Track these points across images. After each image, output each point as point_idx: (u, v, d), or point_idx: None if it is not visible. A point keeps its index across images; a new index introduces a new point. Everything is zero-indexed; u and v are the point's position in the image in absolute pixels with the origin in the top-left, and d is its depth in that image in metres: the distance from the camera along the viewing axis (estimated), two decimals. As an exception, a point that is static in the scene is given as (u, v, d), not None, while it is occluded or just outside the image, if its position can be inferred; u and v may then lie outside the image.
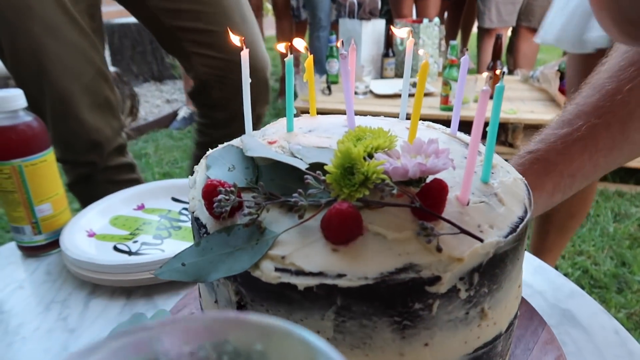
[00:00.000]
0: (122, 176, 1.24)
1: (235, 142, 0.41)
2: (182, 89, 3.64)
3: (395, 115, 0.46)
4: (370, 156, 0.33)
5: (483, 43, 3.27)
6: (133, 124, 3.11)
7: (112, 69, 2.83)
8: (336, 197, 0.30)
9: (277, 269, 0.29)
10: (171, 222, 0.74)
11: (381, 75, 2.88)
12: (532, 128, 2.21)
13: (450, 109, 2.17)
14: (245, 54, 0.39)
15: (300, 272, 0.29)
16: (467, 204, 0.32)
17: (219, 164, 0.38)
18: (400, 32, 0.42)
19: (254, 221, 0.31)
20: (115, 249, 0.67)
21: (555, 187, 0.49)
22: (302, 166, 0.33)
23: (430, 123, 0.44)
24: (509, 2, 3.00)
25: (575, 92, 0.52)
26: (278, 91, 3.40)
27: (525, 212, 0.34)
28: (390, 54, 2.82)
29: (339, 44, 0.46)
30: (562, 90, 2.21)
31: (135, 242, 0.69)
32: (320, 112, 0.48)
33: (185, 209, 0.77)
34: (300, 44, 0.41)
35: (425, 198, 0.30)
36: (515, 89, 2.52)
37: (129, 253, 0.66)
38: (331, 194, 0.30)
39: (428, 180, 0.31)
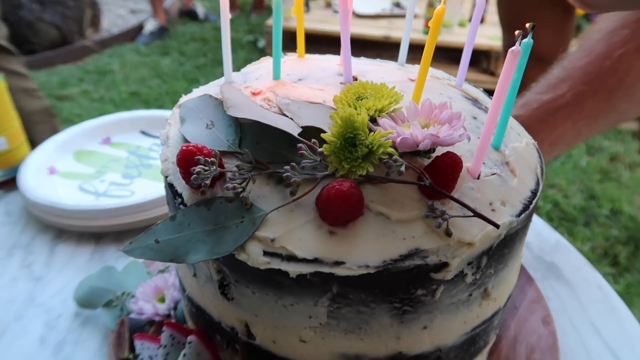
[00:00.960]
0: None
1: (213, 89, 0.36)
2: (146, -4, 3.37)
3: (379, 39, 0.41)
4: (373, 120, 0.28)
5: None
6: (95, 36, 2.90)
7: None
8: (334, 172, 0.26)
9: (265, 253, 0.26)
10: (141, 159, 0.69)
11: None
12: None
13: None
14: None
15: (292, 258, 0.25)
16: (478, 177, 0.29)
17: (195, 118, 0.33)
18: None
19: (239, 195, 0.27)
20: (81, 189, 0.62)
21: None
22: (295, 131, 0.28)
23: (434, 72, 0.39)
24: None
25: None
26: (252, 4, 3.17)
27: (538, 183, 0.31)
28: None
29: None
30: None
31: (102, 181, 0.64)
32: (291, 31, 0.42)
33: (157, 144, 0.71)
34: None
35: (435, 174, 0.26)
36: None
37: (97, 194, 0.61)
38: (329, 168, 0.26)
39: (438, 150, 0.28)
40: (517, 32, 0.26)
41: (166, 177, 0.31)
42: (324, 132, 0.27)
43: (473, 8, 2.27)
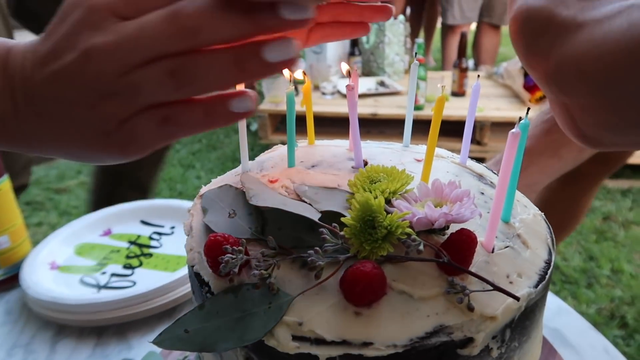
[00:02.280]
0: None
1: (231, 179, 0.38)
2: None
3: (367, 116, 0.44)
4: (387, 201, 0.30)
5: (447, 39, 3.31)
6: None
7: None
8: (356, 254, 0.27)
9: (294, 338, 0.26)
10: (141, 249, 0.69)
11: None
12: (499, 125, 2.25)
13: (419, 108, 2.18)
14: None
15: (320, 341, 0.26)
16: (492, 251, 0.30)
17: (217, 208, 0.35)
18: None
19: (265, 281, 0.28)
20: (82, 282, 0.62)
21: None
22: (315, 216, 0.30)
23: (439, 151, 0.42)
24: None
25: None
26: None
27: (550, 254, 0.32)
28: (357, 52, 2.81)
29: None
30: (526, 87, 2.24)
31: (103, 273, 0.64)
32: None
33: (157, 232, 0.73)
34: (299, 71, 0.38)
35: (452, 251, 0.27)
36: (481, 86, 2.54)
37: (98, 287, 0.61)
38: (350, 250, 0.28)
39: (452, 227, 0.29)
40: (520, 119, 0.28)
41: (192, 266, 0.32)
42: (343, 215, 0.29)
43: (453, 82, 2.40)
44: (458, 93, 2.40)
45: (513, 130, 0.27)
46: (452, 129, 2.46)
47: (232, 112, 0.28)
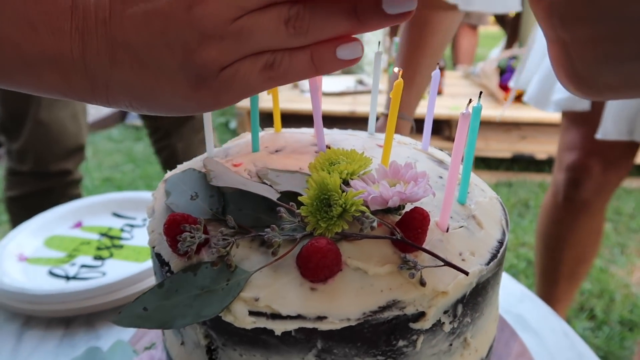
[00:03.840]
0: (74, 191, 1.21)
1: (196, 164, 0.39)
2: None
3: (345, 114, 0.44)
4: (346, 183, 0.31)
5: None
6: None
7: None
8: (312, 231, 0.28)
9: (251, 313, 0.27)
10: (112, 240, 0.69)
11: None
12: None
13: None
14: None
15: (276, 316, 0.26)
16: (447, 230, 0.31)
17: (180, 191, 0.35)
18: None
19: (223, 259, 0.28)
20: (51, 273, 0.62)
21: None
22: (274, 196, 0.30)
23: (401, 138, 0.43)
24: None
25: None
26: None
27: (504, 234, 0.33)
28: None
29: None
30: (501, 85, 2.29)
31: (72, 264, 0.64)
32: (270, 113, 0.45)
33: (129, 224, 0.72)
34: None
35: (406, 229, 0.28)
36: (457, 85, 2.59)
37: (67, 278, 0.61)
38: (307, 228, 0.28)
39: (407, 207, 0.30)
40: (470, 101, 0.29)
41: (153, 247, 0.32)
42: (301, 195, 0.30)
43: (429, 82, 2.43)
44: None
45: (463, 110, 0.28)
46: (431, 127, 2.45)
47: (338, 58, 0.27)
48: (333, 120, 2.55)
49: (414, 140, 0.44)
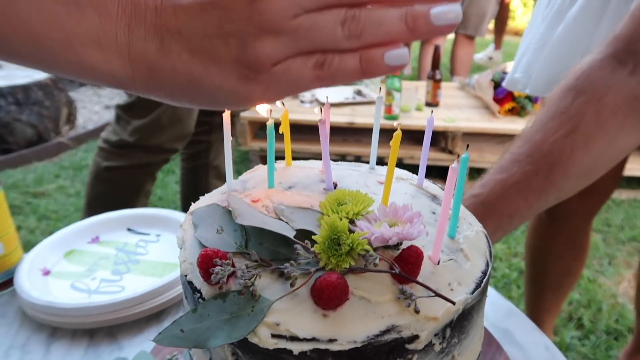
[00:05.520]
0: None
1: (218, 198, 0.44)
2: (121, 93, 3.55)
3: (344, 124, 0.48)
4: (352, 221, 0.36)
5: (423, 50, 3.42)
6: (71, 133, 2.99)
7: (45, 74, 2.73)
8: (324, 266, 0.33)
9: (273, 335, 0.32)
10: (129, 255, 0.74)
11: None
12: (470, 135, 2.35)
13: (394, 118, 2.31)
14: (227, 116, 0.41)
15: (294, 338, 0.32)
16: (438, 263, 0.36)
17: (206, 225, 0.40)
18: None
19: (249, 288, 0.33)
20: (73, 287, 0.67)
21: (496, 227, 0.54)
22: (290, 233, 0.36)
23: (400, 173, 0.48)
24: None
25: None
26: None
27: (487, 265, 0.39)
28: None
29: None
30: (495, 99, 2.35)
31: (93, 279, 0.68)
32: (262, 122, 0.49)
33: (143, 240, 0.77)
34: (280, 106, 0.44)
35: (403, 264, 0.33)
36: (453, 96, 2.66)
37: (89, 292, 0.66)
38: (320, 263, 0.33)
39: (404, 243, 0.35)
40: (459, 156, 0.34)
41: (185, 275, 0.37)
42: (314, 233, 0.35)
43: (427, 93, 2.51)
44: (432, 103, 2.51)
45: (453, 165, 0.34)
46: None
47: (386, 63, 0.28)
48: (331, 131, 2.65)
49: (411, 174, 0.49)
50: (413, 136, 2.36)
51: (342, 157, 2.52)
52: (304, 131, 2.39)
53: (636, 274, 1.19)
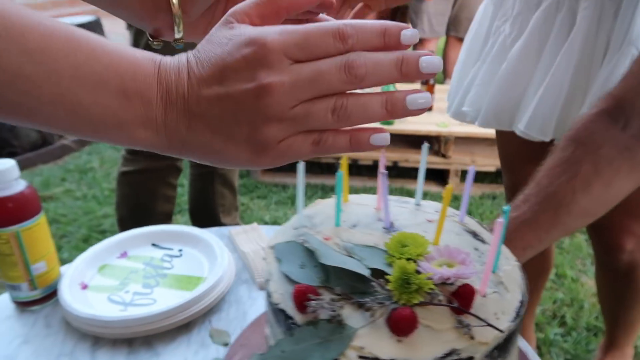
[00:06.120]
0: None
1: (291, 233, 0.52)
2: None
3: None
4: (414, 260, 0.44)
5: None
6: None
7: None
8: (397, 300, 0.42)
9: (359, 357, 0.40)
10: (156, 269, 0.81)
11: None
12: (462, 139, 2.45)
13: (389, 123, 2.42)
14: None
15: (376, 359, 0.40)
16: (485, 296, 0.44)
17: (289, 260, 0.48)
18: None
19: (336, 318, 0.42)
20: (110, 300, 0.74)
21: None
22: (366, 272, 0.44)
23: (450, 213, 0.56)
24: (439, 13, 3.22)
25: None
26: None
27: (524, 295, 0.47)
28: None
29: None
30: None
31: (127, 292, 0.75)
32: None
33: (167, 255, 0.84)
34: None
35: (459, 298, 0.42)
36: (446, 100, 2.74)
37: (124, 304, 0.73)
38: (394, 298, 0.42)
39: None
40: (504, 207, 0.42)
41: (277, 304, 0.46)
42: (386, 272, 0.43)
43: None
44: None
45: (499, 219, 0.42)
46: (419, 142, 2.72)
47: (371, 143, 0.35)
48: None
49: (453, 210, 0.57)
50: (408, 140, 2.58)
51: (339, 160, 2.62)
52: None
53: (595, 276, 1.31)
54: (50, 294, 0.75)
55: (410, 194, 2.17)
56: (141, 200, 1.52)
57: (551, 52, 0.90)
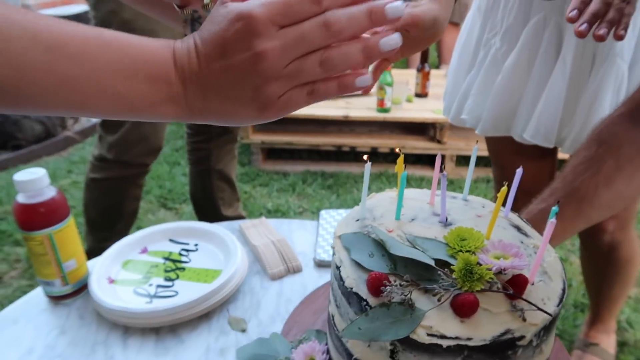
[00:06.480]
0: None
1: (354, 225, 0.58)
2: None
3: (339, 118, 0.77)
4: (472, 252, 0.51)
5: None
6: (76, 127, 3.09)
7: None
8: (461, 287, 0.48)
9: (428, 334, 0.47)
10: (175, 263, 0.88)
11: None
12: (457, 126, 2.53)
13: (386, 111, 2.55)
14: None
15: (443, 337, 0.47)
16: (533, 284, 0.51)
17: (358, 249, 0.55)
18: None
19: (406, 301, 0.49)
20: (135, 293, 0.81)
21: None
22: (431, 262, 0.51)
23: (490, 207, 0.62)
24: None
25: None
26: None
27: (564, 283, 0.54)
28: None
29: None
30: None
31: (150, 285, 0.83)
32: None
33: (184, 249, 0.91)
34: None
35: (514, 286, 0.49)
36: (442, 85, 2.80)
37: (149, 296, 0.80)
38: (458, 285, 0.48)
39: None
40: (554, 207, 0.49)
41: (351, 288, 0.53)
42: (448, 263, 0.50)
43: (417, 85, 2.74)
44: (421, 94, 2.76)
45: (552, 220, 0.48)
46: (415, 128, 2.80)
47: (356, 85, 0.41)
48: (327, 122, 2.87)
49: (492, 203, 0.64)
50: (403, 126, 2.72)
51: (338, 148, 2.76)
52: (301, 123, 2.71)
53: (580, 256, 1.41)
54: (81, 288, 0.83)
55: (408, 179, 2.26)
56: (110, 203, 1.56)
57: (541, 65, 0.99)
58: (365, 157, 0.57)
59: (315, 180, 2.65)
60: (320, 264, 0.90)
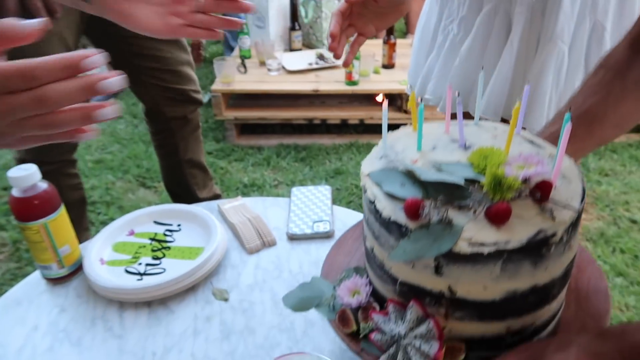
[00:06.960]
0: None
1: (380, 163, 0.62)
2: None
3: (309, 92, 0.97)
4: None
5: None
6: None
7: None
8: (492, 199, 0.52)
9: (469, 244, 0.51)
10: (161, 243, 0.95)
11: (290, 47, 3.26)
12: None
13: (354, 84, 2.65)
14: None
15: (483, 244, 0.51)
16: (555, 187, 0.55)
17: (389, 182, 0.59)
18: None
19: (445, 218, 0.53)
20: (127, 272, 0.88)
21: None
22: (461, 181, 0.54)
23: (503, 128, 0.66)
24: None
25: None
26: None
27: (583, 182, 0.58)
28: (297, 26, 3.19)
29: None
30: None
31: (139, 264, 0.90)
32: (242, 93, 0.65)
33: (168, 230, 0.98)
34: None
35: (540, 191, 0.53)
36: (408, 55, 2.81)
37: (140, 274, 0.87)
38: (489, 197, 0.52)
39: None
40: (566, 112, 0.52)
41: (389, 217, 0.56)
42: (475, 180, 0.54)
43: (384, 56, 2.83)
44: (388, 65, 2.85)
45: (568, 124, 0.52)
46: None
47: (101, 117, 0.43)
48: (298, 96, 2.96)
49: (505, 125, 0.67)
50: (372, 98, 2.79)
51: (310, 121, 2.84)
52: (271, 98, 2.81)
53: None
54: (76, 270, 0.90)
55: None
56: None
57: (493, 48, 1.08)
58: (380, 98, 0.60)
59: (288, 153, 2.72)
60: (293, 237, 0.98)
